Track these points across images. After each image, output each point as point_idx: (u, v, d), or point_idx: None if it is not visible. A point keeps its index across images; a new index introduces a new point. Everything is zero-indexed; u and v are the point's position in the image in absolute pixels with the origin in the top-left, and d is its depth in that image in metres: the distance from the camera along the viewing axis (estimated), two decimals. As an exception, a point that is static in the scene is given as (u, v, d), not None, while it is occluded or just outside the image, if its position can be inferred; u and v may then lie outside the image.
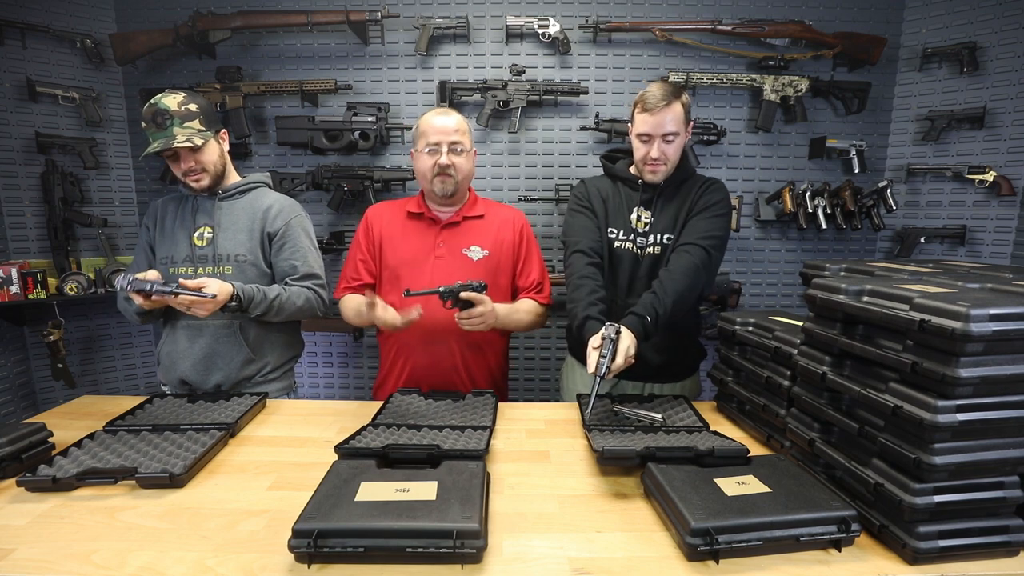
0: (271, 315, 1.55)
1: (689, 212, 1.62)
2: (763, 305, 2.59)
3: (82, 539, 0.87)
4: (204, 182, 1.54)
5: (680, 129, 1.56)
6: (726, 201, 1.64)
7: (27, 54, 2.23)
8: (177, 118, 1.47)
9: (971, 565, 0.82)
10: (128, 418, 1.32)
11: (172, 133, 1.46)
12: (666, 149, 1.57)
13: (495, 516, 0.95)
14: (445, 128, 1.58)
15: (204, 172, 1.53)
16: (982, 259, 2.34)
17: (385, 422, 1.27)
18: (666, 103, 1.52)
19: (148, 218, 1.64)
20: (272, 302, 1.53)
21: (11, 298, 2.11)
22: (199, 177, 1.53)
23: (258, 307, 1.51)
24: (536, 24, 2.30)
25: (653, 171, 1.61)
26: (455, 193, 1.62)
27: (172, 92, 1.51)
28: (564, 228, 1.75)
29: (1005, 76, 2.23)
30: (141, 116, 1.49)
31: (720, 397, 1.47)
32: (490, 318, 1.48)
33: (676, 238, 1.62)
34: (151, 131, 1.48)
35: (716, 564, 0.81)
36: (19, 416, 2.30)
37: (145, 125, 1.48)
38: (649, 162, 1.59)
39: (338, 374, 2.67)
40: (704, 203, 1.61)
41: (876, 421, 0.89)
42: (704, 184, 1.65)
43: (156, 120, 1.46)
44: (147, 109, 1.47)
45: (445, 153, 1.57)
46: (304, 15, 2.25)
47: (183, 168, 1.51)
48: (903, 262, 1.33)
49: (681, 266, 1.50)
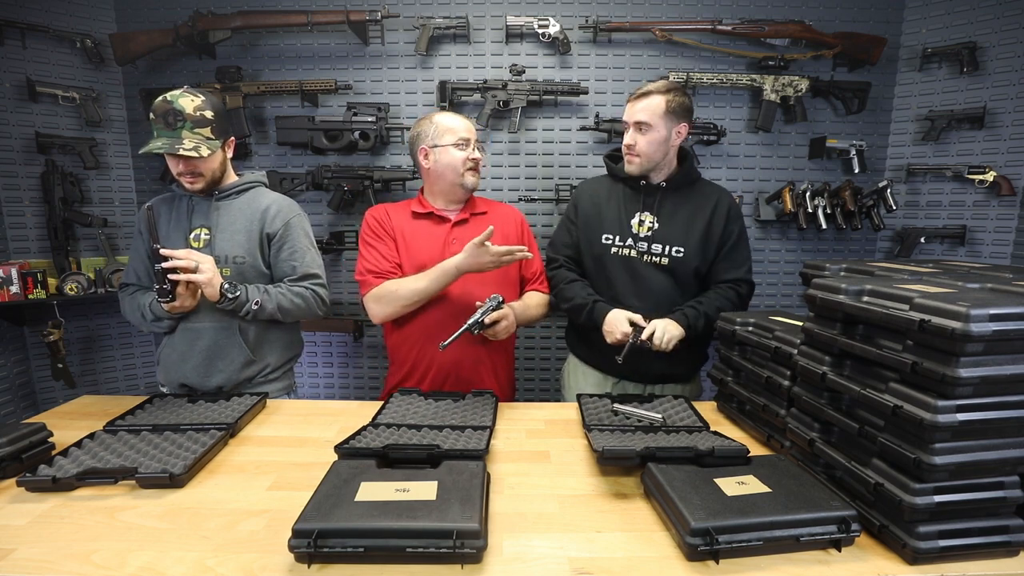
0: (270, 307, 1.53)
1: (707, 230, 1.64)
2: (763, 305, 2.59)
3: (82, 539, 0.87)
4: (198, 186, 1.52)
5: (654, 121, 1.56)
6: (742, 221, 1.73)
7: (27, 54, 2.23)
8: (189, 122, 1.44)
9: (971, 565, 0.82)
10: (128, 418, 1.32)
11: (180, 136, 1.43)
12: (638, 139, 1.58)
13: (495, 516, 0.95)
14: (470, 127, 1.68)
15: (200, 177, 1.50)
16: (982, 259, 2.34)
17: (385, 422, 1.27)
18: (645, 92, 1.54)
19: (141, 223, 1.59)
20: (266, 292, 1.53)
21: (11, 298, 2.11)
22: (194, 181, 1.50)
23: (252, 295, 1.50)
24: (536, 24, 2.30)
25: (629, 161, 1.63)
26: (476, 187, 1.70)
27: (191, 93, 1.47)
28: (552, 237, 1.87)
29: (1005, 76, 2.23)
30: (152, 107, 1.45)
31: (720, 397, 1.47)
32: (513, 325, 1.58)
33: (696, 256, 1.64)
34: (158, 127, 1.44)
35: (716, 564, 0.81)
36: (19, 416, 2.30)
37: (154, 118, 1.44)
38: (626, 150, 1.61)
39: (338, 374, 2.67)
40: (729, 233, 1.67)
41: (876, 421, 0.89)
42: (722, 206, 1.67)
43: (167, 119, 1.43)
44: (160, 103, 1.43)
45: (476, 149, 1.66)
46: (304, 15, 2.25)
47: (181, 169, 1.48)
48: (903, 262, 1.33)
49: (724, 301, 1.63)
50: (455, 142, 1.63)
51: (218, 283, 1.44)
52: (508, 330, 1.56)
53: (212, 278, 1.42)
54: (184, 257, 1.38)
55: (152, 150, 1.43)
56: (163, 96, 1.45)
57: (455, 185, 1.66)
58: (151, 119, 1.46)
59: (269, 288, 1.55)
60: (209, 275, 1.41)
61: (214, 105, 1.50)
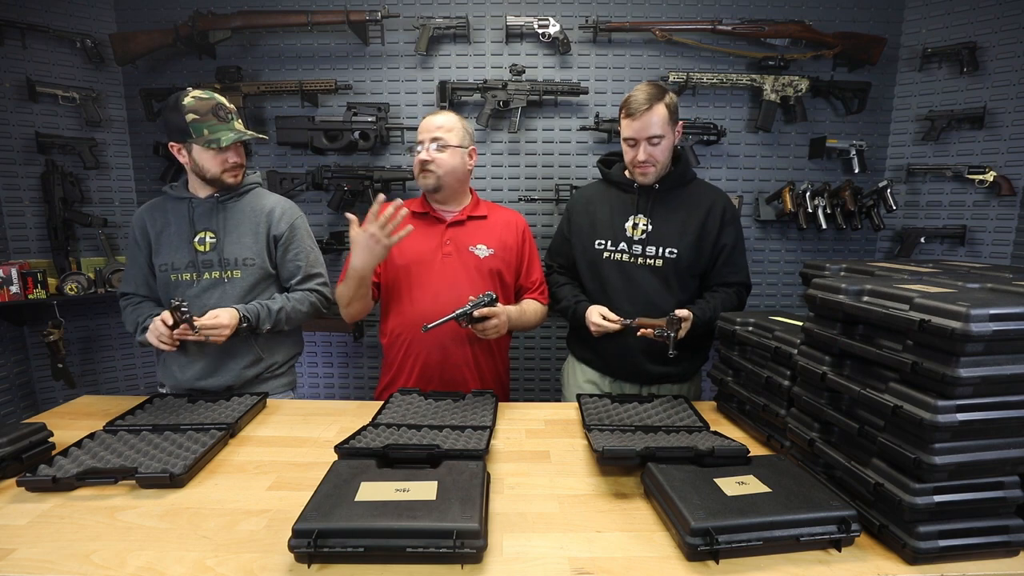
0: (280, 326, 1.58)
1: (701, 231, 1.64)
2: (763, 305, 2.59)
3: (82, 539, 0.87)
4: (240, 178, 1.57)
5: (665, 131, 1.56)
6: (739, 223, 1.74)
7: (27, 54, 2.23)
8: (233, 114, 1.52)
9: (971, 565, 0.82)
10: (128, 418, 1.32)
11: (235, 127, 1.50)
12: (653, 151, 1.58)
13: (495, 516, 0.95)
14: (428, 125, 1.62)
15: (241, 169, 1.56)
16: (982, 259, 2.34)
17: (385, 422, 1.27)
18: (648, 106, 1.53)
19: (136, 232, 1.59)
20: (278, 314, 1.56)
21: (11, 298, 2.11)
22: (237, 174, 1.56)
23: (266, 322, 1.54)
24: (536, 24, 2.30)
25: (643, 173, 1.63)
26: (438, 188, 1.63)
27: (214, 90, 1.55)
28: (550, 243, 1.89)
29: (1005, 76, 2.23)
30: (184, 107, 1.44)
31: (720, 397, 1.47)
32: (504, 326, 1.53)
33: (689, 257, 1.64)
34: (208, 123, 1.46)
35: (716, 564, 0.81)
36: (19, 416, 2.30)
37: (198, 118, 1.45)
38: (638, 164, 1.61)
39: (338, 374, 2.67)
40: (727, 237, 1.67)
41: (876, 421, 0.89)
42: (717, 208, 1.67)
43: (218, 113, 1.48)
44: (201, 102, 1.46)
45: (425, 149, 1.60)
46: (304, 15, 2.25)
47: (233, 161, 1.52)
48: (903, 262, 1.33)
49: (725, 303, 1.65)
50: (418, 142, 1.63)
51: (233, 329, 1.47)
52: (498, 330, 1.51)
53: (232, 326, 1.46)
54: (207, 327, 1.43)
55: (234, 139, 1.47)
56: (193, 95, 1.47)
57: (421, 186, 1.66)
58: (194, 119, 1.45)
59: (275, 306, 1.57)
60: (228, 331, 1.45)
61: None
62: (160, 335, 1.42)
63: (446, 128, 1.61)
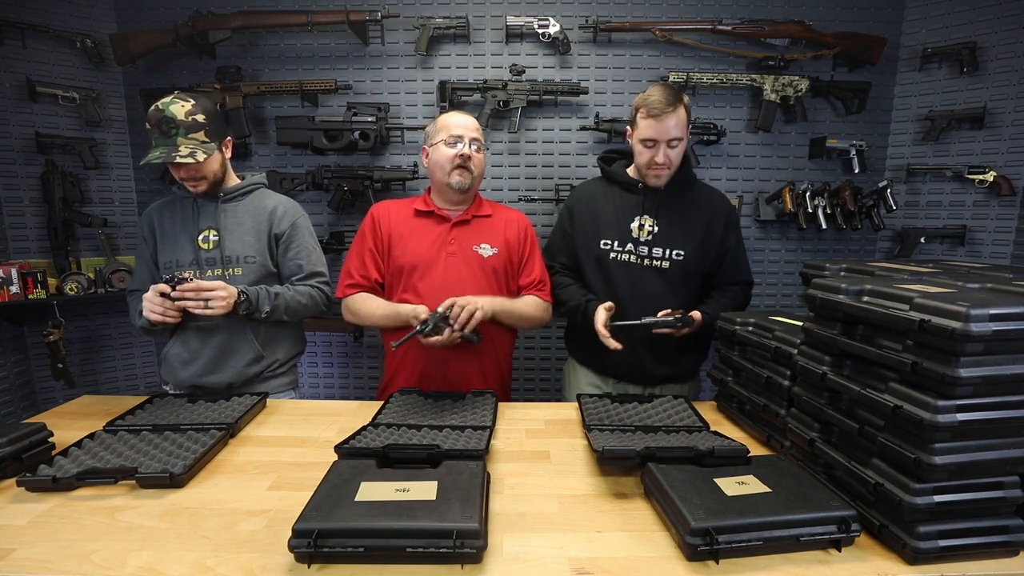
0: (279, 313, 1.57)
1: (706, 233, 1.65)
2: (763, 305, 2.59)
3: (82, 539, 0.87)
4: (201, 188, 1.54)
5: (684, 134, 1.56)
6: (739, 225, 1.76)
7: (27, 54, 2.23)
8: (183, 128, 1.45)
9: (971, 565, 0.82)
10: (128, 418, 1.32)
11: (176, 143, 1.45)
12: (670, 154, 1.57)
13: (495, 516, 0.95)
14: (467, 124, 1.63)
15: (203, 180, 1.53)
16: (982, 259, 2.34)
17: (385, 422, 1.27)
18: (672, 108, 1.52)
19: (145, 229, 1.61)
20: (277, 299, 1.56)
21: (11, 298, 2.11)
22: (197, 184, 1.53)
23: (265, 303, 1.53)
24: (536, 24, 2.30)
25: (657, 175, 1.61)
26: (469, 188, 1.63)
27: (181, 99, 1.48)
28: (548, 241, 1.86)
29: (1005, 76, 2.23)
30: (146, 116, 1.48)
31: (720, 397, 1.47)
32: (472, 307, 1.45)
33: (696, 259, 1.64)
34: (154, 135, 1.46)
35: (716, 564, 0.81)
36: (19, 416, 2.30)
37: (149, 127, 1.47)
38: (654, 167, 1.60)
39: (338, 374, 2.67)
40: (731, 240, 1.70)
41: (876, 421, 0.89)
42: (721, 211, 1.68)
43: (161, 127, 1.45)
44: (153, 112, 1.45)
45: (467, 144, 1.60)
46: (304, 15, 2.25)
47: (182, 175, 1.51)
48: (903, 262, 1.33)
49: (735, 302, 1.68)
50: (445, 138, 1.61)
51: (233, 300, 1.46)
52: (471, 313, 1.44)
53: (229, 300, 1.45)
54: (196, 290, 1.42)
55: (150, 160, 1.45)
56: (155, 105, 1.47)
57: (443, 184, 1.63)
58: (147, 128, 1.47)
59: (275, 290, 1.57)
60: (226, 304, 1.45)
61: (206, 108, 1.50)
62: (153, 305, 1.42)
63: (480, 132, 1.66)
